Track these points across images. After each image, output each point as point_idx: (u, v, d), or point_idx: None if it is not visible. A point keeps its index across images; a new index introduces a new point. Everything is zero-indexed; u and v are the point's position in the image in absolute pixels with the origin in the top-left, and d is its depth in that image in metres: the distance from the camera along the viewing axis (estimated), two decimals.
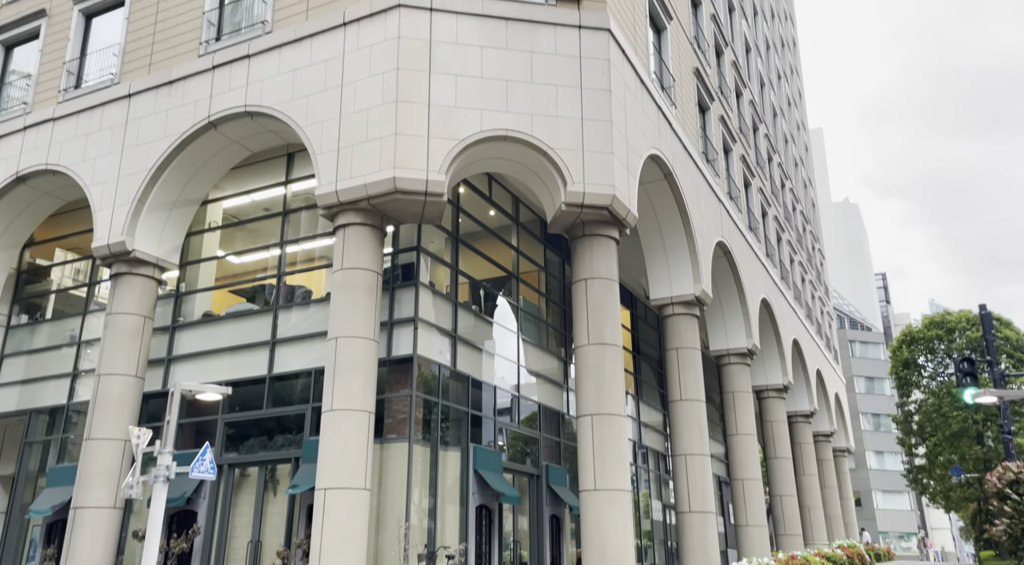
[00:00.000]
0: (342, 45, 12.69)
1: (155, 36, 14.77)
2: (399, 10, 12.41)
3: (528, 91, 12.62)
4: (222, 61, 13.68)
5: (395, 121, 11.82)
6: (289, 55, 13.13)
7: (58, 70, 15.94)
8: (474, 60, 12.53)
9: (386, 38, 12.36)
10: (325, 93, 12.53)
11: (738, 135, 24.31)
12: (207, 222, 15.64)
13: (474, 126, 12.13)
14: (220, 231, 15.69)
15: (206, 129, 13.60)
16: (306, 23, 13.14)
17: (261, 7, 13.90)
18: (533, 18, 13.13)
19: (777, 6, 39.11)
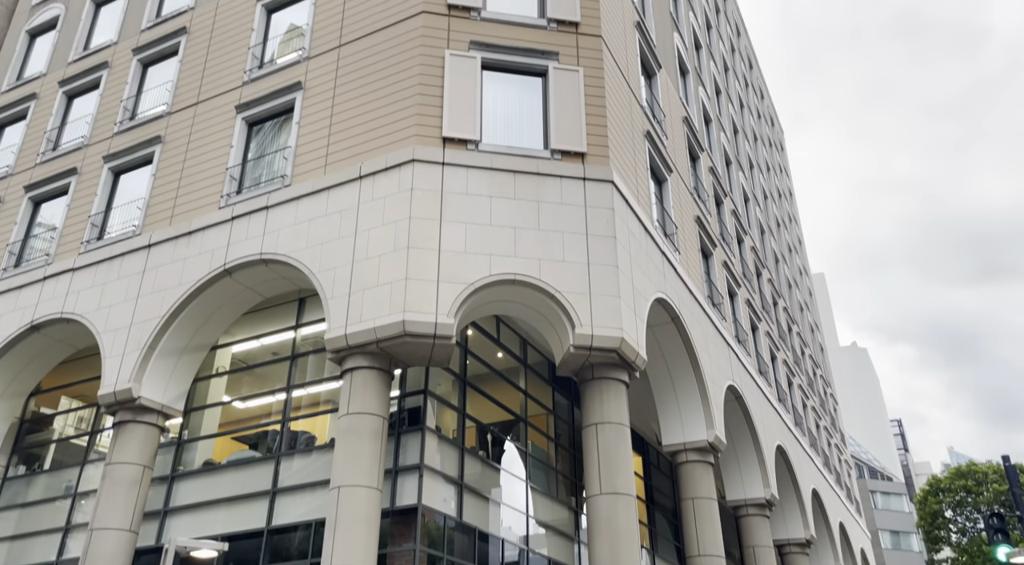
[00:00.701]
0: (357, 196, 13.25)
1: (179, 191, 15.49)
2: (413, 165, 13.06)
3: (536, 237, 13.01)
4: (241, 212, 14.25)
5: (406, 266, 12.11)
6: (306, 206, 13.68)
7: (83, 223, 16.60)
8: (483, 209, 13.02)
9: (399, 189, 12.92)
10: (339, 241, 12.93)
11: (742, 280, 24.72)
12: (215, 367, 15.62)
13: (483, 270, 12.39)
14: (227, 376, 15.63)
15: (221, 276, 13.93)
16: (324, 177, 13.81)
17: (282, 163, 14.66)
18: (540, 171, 13.78)
19: (771, 159, 41.06)
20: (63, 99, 19.07)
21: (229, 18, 17.21)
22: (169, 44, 17.80)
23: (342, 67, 14.89)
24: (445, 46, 14.43)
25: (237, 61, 16.37)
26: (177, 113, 16.56)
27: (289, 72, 15.47)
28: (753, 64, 43.15)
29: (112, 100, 17.91)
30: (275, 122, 15.43)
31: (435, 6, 14.81)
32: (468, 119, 13.78)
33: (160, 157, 16.20)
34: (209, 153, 15.53)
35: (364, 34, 15.03)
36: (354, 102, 14.32)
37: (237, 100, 15.75)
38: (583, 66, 15.26)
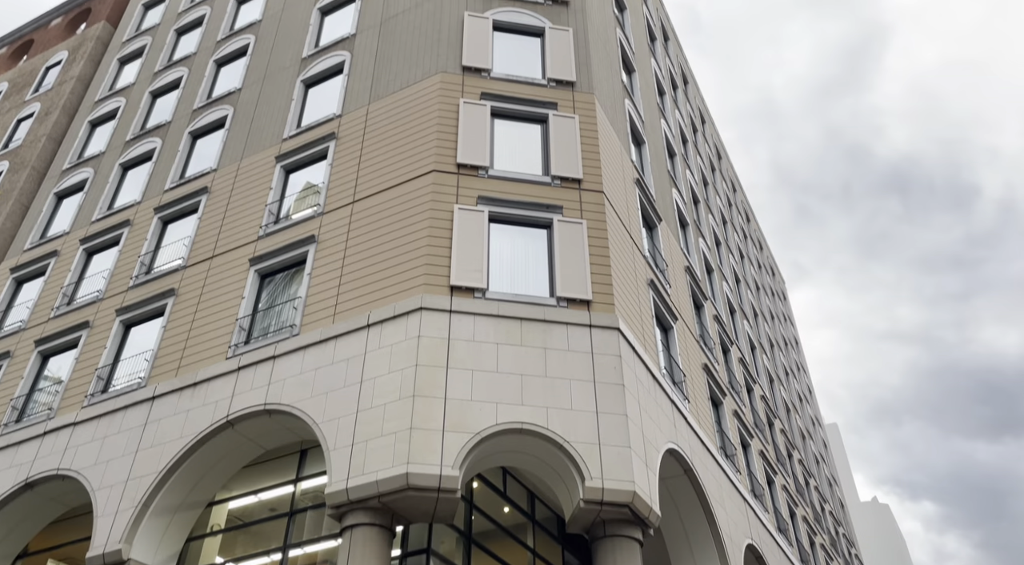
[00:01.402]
0: (364, 345, 13.29)
1: (188, 342, 15.59)
2: (420, 312, 13.21)
3: (543, 385, 12.88)
4: (248, 362, 14.25)
5: (411, 415, 11.91)
6: (313, 355, 13.70)
7: (89, 375, 16.57)
8: (490, 356, 13.00)
9: (407, 337, 12.98)
10: (344, 390, 12.82)
11: (754, 430, 24.15)
12: (210, 525, 14.95)
13: (489, 419, 12.17)
14: (221, 535, 14.92)
15: (223, 428, 13.69)
16: (332, 326, 13.93)
17: (291, 313, 14.85)
18: (546, 318, 13.90)
19: (775, 308, 41.47)
20: (82, 255, 19.69)
21: (249, 178, 18.11)
22: (190, 203, 18.61)
23: (355, 221, 15.46)
24: (454, 201, 15.05)
25: (254, 217, 17.04)
26: (192, 266, 17.01)
27: (304, 226, 16.05)
28: (750, 217, 44.71)
29: (130, 256, 18.48)
30: (287, 274, 15.80)
31: (445, 165, 15.60)
32: (475, 268, 14.10)
33: (172, 309, 16.46)
34: (220, 304, 15.78)
35: (377, 191, 15.73)
36: (365, 253, 14.73)
37: (252, 253, 16.22)
38: (586, 218, 15.81)
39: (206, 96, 21.78)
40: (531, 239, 15.43)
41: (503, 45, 19.22)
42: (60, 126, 25.44)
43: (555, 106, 17.72)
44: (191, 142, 20.70)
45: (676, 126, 28.70)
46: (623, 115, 20.89)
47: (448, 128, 16.30)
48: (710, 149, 36.56)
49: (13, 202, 23.05)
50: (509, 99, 17.45)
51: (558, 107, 17.73)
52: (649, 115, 24.20)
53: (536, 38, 19.68)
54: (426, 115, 16.65)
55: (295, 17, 22.09)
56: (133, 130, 22.55)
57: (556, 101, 17.83)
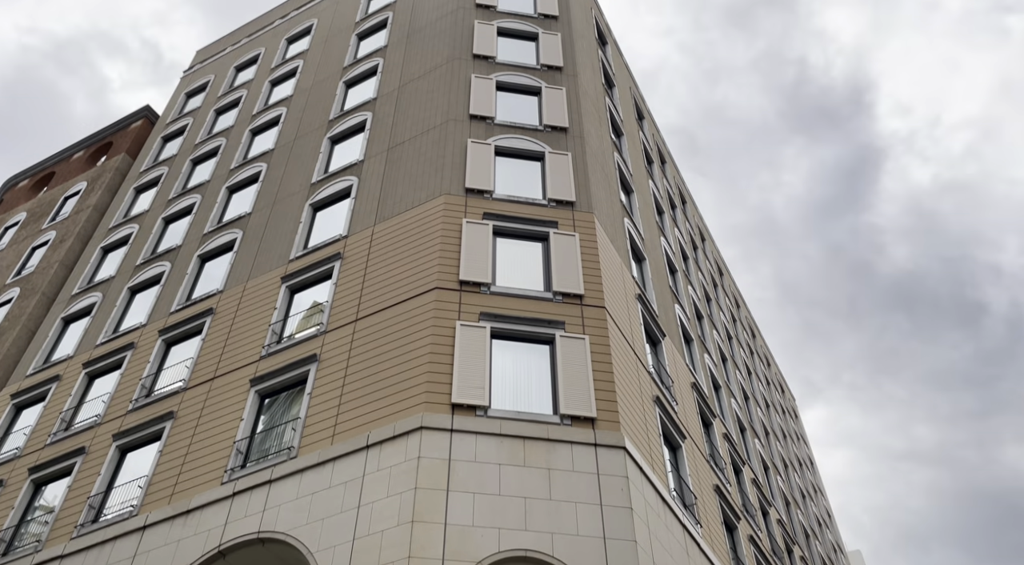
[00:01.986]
0: (363, 467, 12.91)
1: (183, 467, 15.20)
2: (421, 432, 12.91)
3: (547, 509, 12.38)
4: (243, 487, 13.81)
5: (409, 543, 11.38)
6: (310, 479, 13.28)
7: (81, 504, 16.05)
8: (492, 478, 12.58)
9: (406, 458, 12.62)
10: (341, 515, 12.34)
11: (772, 557, 22.96)
12: None
13: (491, 546, 11.61)
14: None
15: (215, 559, 13.10)
16: (330, 447, 13.59)
17: (290, 434, 14.54)
18: (550, 437, 13.56)
19: (787, 427, 40.53)
20: (84, 379, 19.60)
21: (254, 299, 18.27)
22: (194, 324, 18.71)
23: (357, 339, 15.43)
24: (456, 317, 15.07)
25: (257, 337, 17.05)
26: (192, 388, 16.86)
27: (306, 345, 16.01)
28: (756, 333, 44.57)
29: (131, 379, 18.38)
30: (288, 394, 15.61)
31: (448, 282, 15.75)
32: (478, 385, 13.91)
33: (169, 433, 16.16)
34: (219, 427, 15.50)
35: (380, 308, 15.80)
36: (366, 372, 14.60)
37: (253, 373, 16.11)
38: (589, 333, 15.76)
39: (217, 220, 22.38)
40: (534, 355, 15.32)
41: (504, 168, 19.89)
42: (73, 253, 26.03)
43: (556, 224, 18.10)
44: (200, 265, 21.07)
45: (676, 243, 29.17)
46: (623, 233, 21.29)
47: (451, 246, 16.58)
48: (711, 265, 37.00)
49: (20, 328, 23.22)
50: (511, 219, 17.86)
51: (558, 225, 18.10)
52: (649, 233, 24.67)
53: (536, 161, 20.39)
54: (430, 234, 17.00)
55: (307, 146, 23.05)
56: (144, 255, 23.04)
57: (557, 220, 18.23)
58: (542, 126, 21.18)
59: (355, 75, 25.36)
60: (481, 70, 22.68)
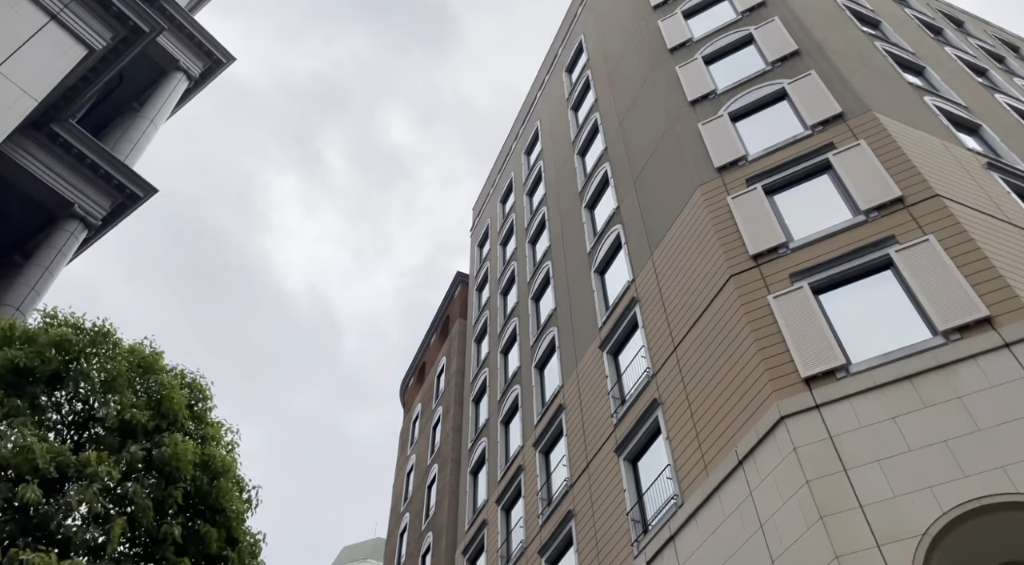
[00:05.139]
0: (746, 484, 11.53)
1: (599, 557, 15.06)
2: (783, 424, 11.25)
3: (979, 443, 9.71)
4: (652, 553, 13.16)
5: (830, 542, 9.60)
6: (704, 518, 12.20)
7: None
8: (891, 436, 10.32)
9: (782, 457, 10.99)
10: (748, 544, 10.97)
11: None
12: None
13: (929, 511, 9.30)
14: None
15: None
16: (708, 479, 12.45)
17: (668, 485, 13.72)
18: (941, 362, 10.91)
19: None
20: (502, 514, 21.02)
21: (587, 378, 18.34)
22: (555, 426, 19.26)
23: (683, 367, 14.42)
24: (765, 293, 13.36)
25: (603, 410, 16.88)
26: (577, 482, 17.02)
27: (644, 396, 15.38)
28: None
29: (532, 497, 19.28)
30: (646, 445, 14.98)
31: (739, 265, 14.20)
32: (823, 348, 11.88)
33: (576, 530, 16.32)
34: (609, 507, 15.25)
35: (690, 326, 14.71)
36: (705, 392, 13.43)
37: (614, 444, 15.81)
38: (931, 231, 12.84)
39: (536, 326, 23.45)
40: (873, 288, 12.82)
41: (749, 128, 18.04)
42: (457, 417, 29.08)
43: (831, 146, 15.65)
44: (539, 375, 21.99)
45: None
46: (928, 111, 17.74)
47: (728, 230, 15.09)
48: None
49: (448, 495, 26.10)
50: (777, 169, 15.89)
51: (835, 145, 15.62)
52: (974, 98, 20.29)
53: (780, 102, 18.24)
54: (702, 232, 15.73)
55: (572, 225, 23.50)
56: (500, 389, 24.82)
57: (830, 141, 15.78)
58: (769, 65, 19.09)
59: (583, 141, 25.74)
60: (682, 58, 21.48)
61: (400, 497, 33.19)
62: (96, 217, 21.43)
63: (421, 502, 29.28)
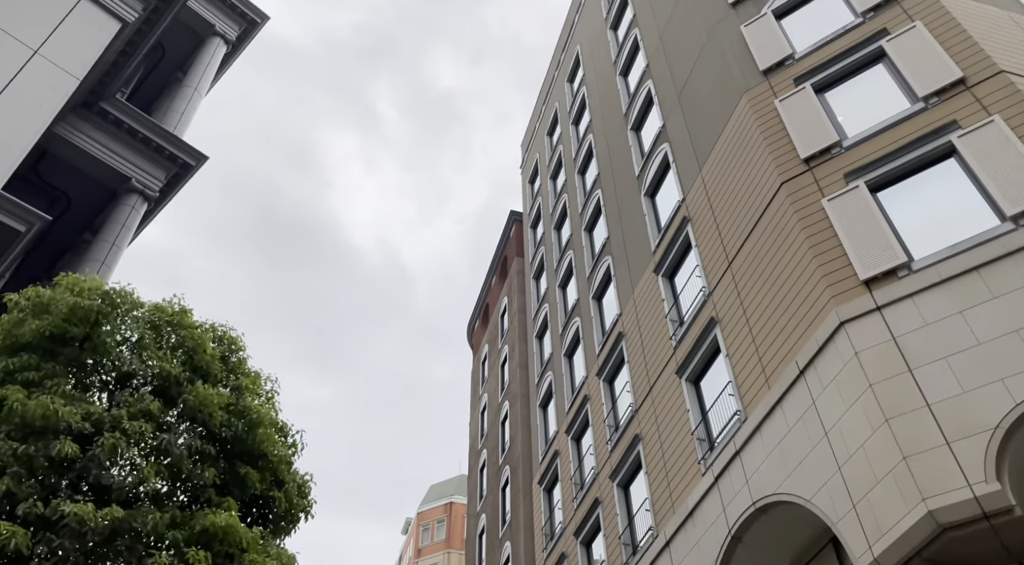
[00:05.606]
0: (808, 394, 11.25)
1: (669, 476, 15.09)
2: (843, 329, 10.85)
3: None
4: (719, 469, 13.10)
5: (896, 444, 9.32)
6: (768, 432, 12.01)
7: (618, 547, 16.77)
8: (959, 330, 9.84)
9: (844, 363, 10.64)
10: (813, 453, 10.77)
11: None
12: None
13: (1002, 403, 8.87)
14: None
15: (733, 546, 12.40)
16: (769, 393, 12.21)
17: (729, 400, 13.55)
18: (1010, 249, 10.26)
19: None
20: (572, 444, 21.26)
21: (644, 304, 18.11)
22: (617, 354, 19.20)
23: (739, 282, 14.04)
24: (820, 197, 12.77)
25: (662, 334, 16.68)
26: (641, 408, 17.01)
27: (701, 316, 15.11)
28: None
29: (599, 425, 19.40)
30: (706, 365, 14.78)
31: (791, 170, 13.58)
32: (883, 247, 11.33)
33: (645, 453, 16.37)
34: (675, 428, 15.20)
35: (743, 239, 14.26)
36: (762, 306, 13.07)
37: (675, 366, 15.65)
38: (996, 111, 11.96)
39: (591, 257, 23.23)
40: (935, 179, 12.09)
41: (794, 24, 17.00)
42: (522, 353, 29.35)
43: (884, 33, 14.63)
44: (598, 306, 21.86)
45: None
46: None
47: (776, 135, 14.41)
48: None
49: (521, 429, 26.56)
50: (826, 64, 14.99)
51: (888, 31, 14.59)
52: None
53: None
54: (750, 139, 15.07)
55: (619, 149, 22.92)
56: (560, 323, 24.84)
57: (883, 27, 14.74)
58: None
59: (624, 61, 24.85)
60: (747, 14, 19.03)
61: (477, 435, 34.01)
62: (153, 189, 22.04)
63: (496, 438, 29.92)
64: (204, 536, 5.61)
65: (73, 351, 6.06)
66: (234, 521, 5.66)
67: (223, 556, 5.78)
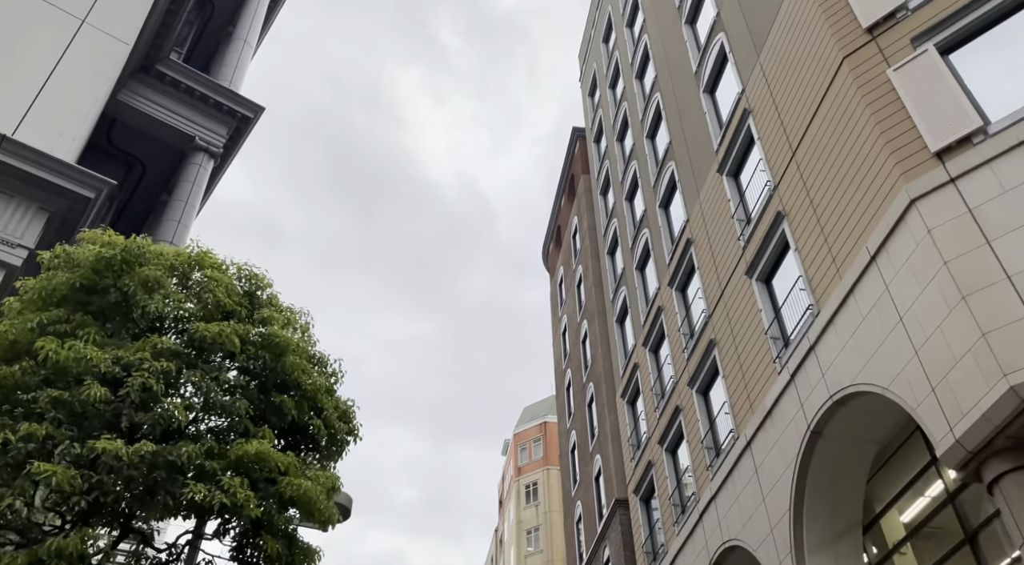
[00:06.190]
0: (881, 281, 10.70)
1: (746, 378, 14.86)
2: (914, 207, 10.16)
3: None
4: (795, 366, 12.77)
5: (974, 319, 8.79)
6: (842, 323, 11.56)
7: (701, 452, 16.75)
8: None
9: (917, 241, 10.01)
10: (890, 338, 10.31)
11: None
12: (888, 544, 12.94)
13: None
14: (909, 546, 12.70)
15: (814, 440, 12.19)
16: (841, 283, 11.69)
17: (800, 295, 13.07)
18: None
19: None
20: (650, 356, 21.16)
21: (710, 206, 17.52)
22: (686, 261, 18.77)
23: (804, 171, 13.32)
24: (885, 67, 11.81)
25: (730, 236, 16.15)
26: (714, 313, 16.67)
27: (768, 212, 14.49)
28: None
29: (674, 334, 19.19)
30: (776, 262, 14.24)
31: (853, 43, 12.57)
32: (955, 113, 10.44)
33: (720, 357, 16.13)
34: (749, 329, 14.86)
35: (805, 127, 13.44)
36: (829, 194, 12.38)
37: (745, 267, 15.17)
38: None
39: (655, 165, 22.56)
40: (1012, 32, 10.93)
41: None
42: (596, 271, 29.14)
43: None
44: (665, 215, 21.31)
45: None
46: None
47: (835, 6, 13.29)
48: None
49: (601, 346, 26.63)
50: None
51: None
52: None
53: None
54: (808, 15, 13.99)
55: (674, 46, 21.86)
56: (631, 236, 24.43)
57: None
58: None
59: None
60: None
61: (560, 355, 34.37)
62: (217, 145, 22.60)
63: (579, 357, 30.16)
64: (240, 464, 5.88)
65: (103, 301, 6.33)
66: (265, 447, 5.88)
67: (264, 481, 6.06)
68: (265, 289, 7.20)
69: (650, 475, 20.13)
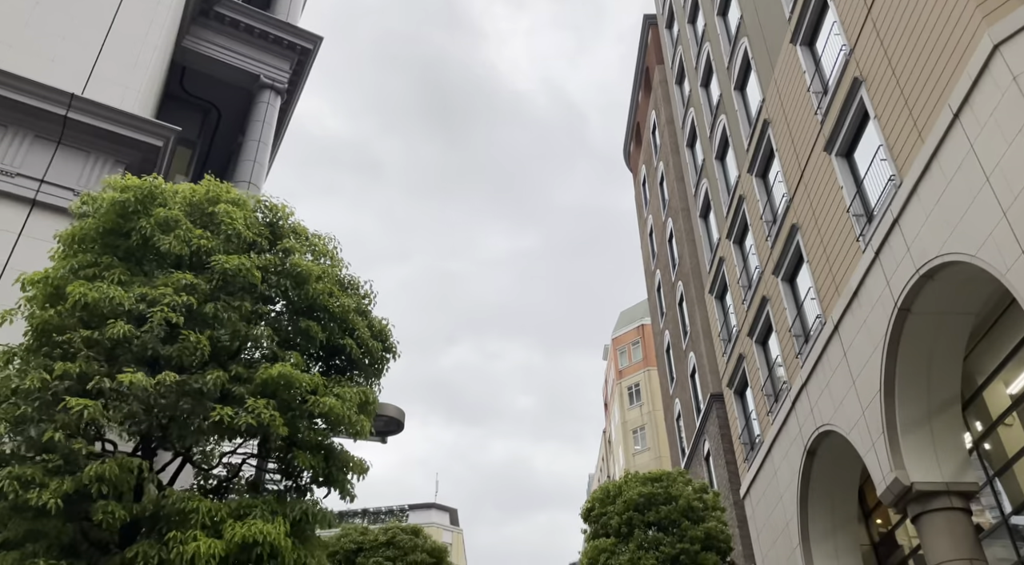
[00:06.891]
0: (964, 138, 9.80)
1: (829, 260, 14.18)
2: (997, 52, 9.15)
3: None
4: (878, 242, 12.05)
5: None
6: (925, 191, 10.74)
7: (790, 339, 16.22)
8: None
9: (1002, 91, 9.06)
10: (975, 201, 9.52)
11: None
12: (992, 417, 12.36)
13: None
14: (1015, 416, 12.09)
15: (903, 317, 11.60)
16: (923, 146, 10.79)
17: (882, 166, 12.17)
18: None
19: None
20: (735, 248, 20.50)
21: (785, 81, 16.40)
22: (764, 144, 17.81)
23: (880, 30, 12.17)
24: None
25: (806, 111, 15.12)
26: (795, 197, 15.85)
27: (845, 78, 13.42)
28: None
29: (756, 222, 18.45)
30: (856, 134, 13.25)
31: None
32: None
33: (804, 242, 15.42)
34: (830, 209, 14.07)
35: None
36: (907, 51, 11.30)
37: (824, 143, 14.24)
38: None
39: (728, 43, 21.27)
40: None
41: None
42: (677, 166, 28.15)
43: None
44: (741, 97, 20.16)
45: None
46: None
47: None
48: None
49: (686, 243, 26.00)
50: None
51: None
52: None
53: None
54: None
55: None
56: (708, 124, 23.34)
57: None
58: None
59: None
60: None
61: (648, 256, 33.89)
62: (282, 81, 22.88)
63: (666, 256, 29.64)
64: (267, 387, 6.12)
65: (128, 243, 6.61)
66: (287, 369, 6.08)
67: (298, 401, 6.30)
68: (287, 218, 7.32)
69: (742, 368, 19.87)
